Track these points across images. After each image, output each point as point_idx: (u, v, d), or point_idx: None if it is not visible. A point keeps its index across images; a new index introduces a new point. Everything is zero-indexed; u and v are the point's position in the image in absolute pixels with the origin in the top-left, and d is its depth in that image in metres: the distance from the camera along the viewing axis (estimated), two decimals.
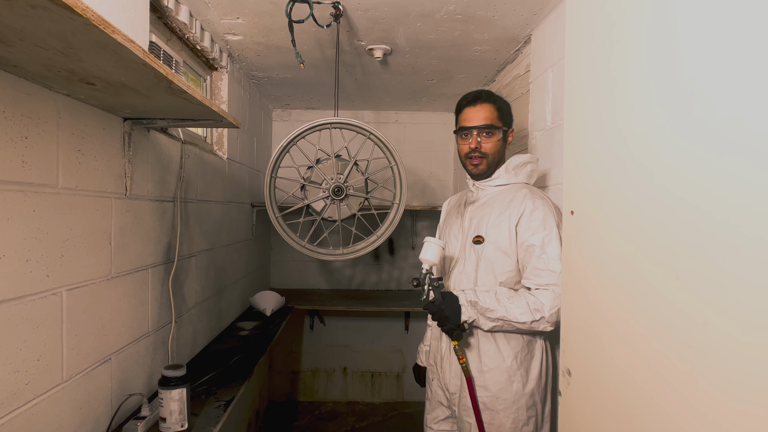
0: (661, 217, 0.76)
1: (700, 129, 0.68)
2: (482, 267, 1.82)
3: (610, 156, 0.93)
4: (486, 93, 1.91)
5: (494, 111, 1.87)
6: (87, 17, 0.80)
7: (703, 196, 0.67)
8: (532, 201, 1.78)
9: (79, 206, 1.39)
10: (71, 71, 1.10)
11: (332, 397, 4.33)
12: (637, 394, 0.82)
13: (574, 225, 1.09)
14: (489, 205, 1.88)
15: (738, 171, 0.62)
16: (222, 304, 2.80)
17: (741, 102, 0.62)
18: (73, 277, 1.37)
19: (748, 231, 0.60)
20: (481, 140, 1.86)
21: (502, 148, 1.90)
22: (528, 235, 1.74)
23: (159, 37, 1.89)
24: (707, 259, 0.66)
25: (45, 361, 1.26)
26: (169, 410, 1.57)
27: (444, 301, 1.72)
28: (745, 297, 0.60)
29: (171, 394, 1.57)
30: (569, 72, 1.11)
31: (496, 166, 1.91)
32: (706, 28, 0.69)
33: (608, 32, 0.94)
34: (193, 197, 2.27)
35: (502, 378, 1.77)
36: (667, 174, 0.75)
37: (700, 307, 0.67)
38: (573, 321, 1.10)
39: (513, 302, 1.69)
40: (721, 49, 0.65)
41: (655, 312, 0.77)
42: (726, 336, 0.63)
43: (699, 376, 0.68)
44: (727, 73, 0.64)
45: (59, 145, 1.30)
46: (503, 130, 1.88)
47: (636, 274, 0.83)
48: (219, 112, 1.53)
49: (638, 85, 0.83)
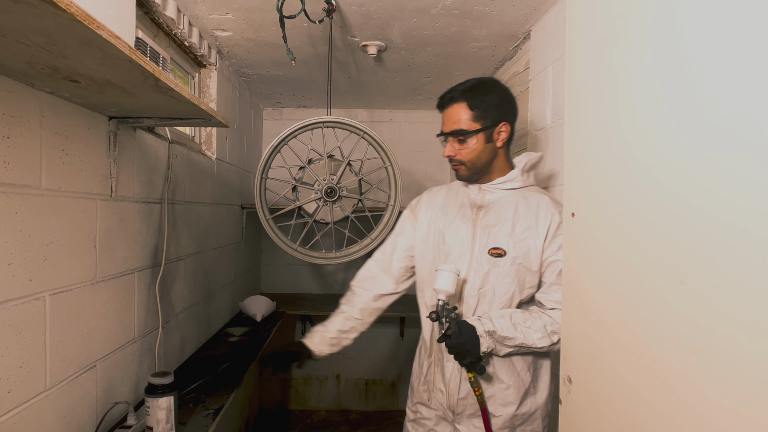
0: (664, 220, 0.76)
1: (705, 127, 0.68)
2: (502, 284, 1.68)
3: (612, 156, 0.93)
4: (460, 90, 1.70)
5: (467, 111, 1.67)
6: (71, 12, 0.80)
7: (708, 197, 0.67)
8: (559, 212, 1.67)
9: (63, 208, 1.39)
10: (55, 68, 1.10)
11: (325, 405, 4.32)
12: (639, 402, 0.82)
13: (575, 227, 1.09)
14: (505, 211, 1.72)
15: (744, 171, 0.62)
16: (211, 310, 2.80)
17: (747, 99, 0.62)
18: (56, 282, 1.36)
19: (756, 233, 0.60)
20: (455, 147, 1.71)
21: (486, 151, 1.71)
22: (553, 250, 1.65)
23: (145, 33, 1.88)
24: (713, 262, 0.66)
25: (28, 368, 1.25)
26: (156, 419, 1.56)
27: (461, 334, 1.58)
28: (753, 301, 0.60)
29: (158, 402, 1.57)
30: (570, 69, 1.11)
31: (483, 169, 1.74)
32: (713, 22, 0.69)
33: (611, 27, 0.94)
34: (181, 199, 2.26)
35: (519, 393, 1.71)
36: (671, 174, 0.75)
37: (705, 312, 0.67)
38: (573, 326, 1.10)
39: (530, 327, 1.61)
40: (730, 43, 0.66)
41: (659, 317, 0.77)
42: (733, 342, 0.63)
43: (704, 383, 0.68)
44: (733, 69, 0.65)
45: (42, 145, 1.29)
46: (484, 132, 1.69)
47: (639, 278, 0.83)
48: (207, 111, 1.53)
49: (642, 82, 0.83)
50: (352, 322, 1.97)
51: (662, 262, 0.77)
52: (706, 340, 0.67)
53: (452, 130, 1.69)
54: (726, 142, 0.65)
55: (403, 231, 1.95)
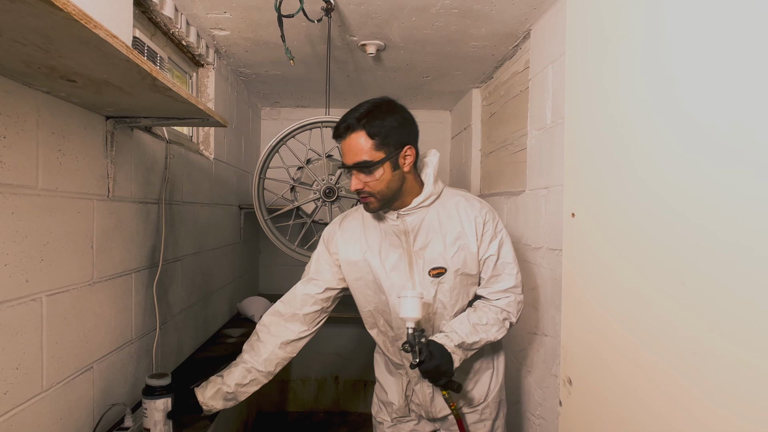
0: (667, 218, 0.76)
1: (711, 124, 0.68)
2: (450, 297, 1.69)
3: (614, 154, 0.93)
4: (355, 118, 1.58)
5: (367, 140, 1.55)
6: (68, 11, 0.80)
7: (712, 193, 0.67)
8: (478, 210, 1.68)
9: (60, 208, 1.39)
10: (52, 68, 1.10)
11: (324, 406, 4.31)
12: (639, 403, 0.82)
13: (575, 228, 1.09)
14: (430, 229, 1.67)
15: (752, 168, 0.62)
16: (208, 311, 2.79)
17: (745, 101, 0.62)
18: (53, 282, 1.36)
19: (758, 227, 0.60)
20: (361, 178, 1.59)
21: (395, 179, 1.60)
22: (485, 248, 1.68)
23: (143, 32, 1.88)
24: (715, 262, 0.66)
25: (24, 370, 1.25)
26: (153, 421, 1.56)
27: (434, 357, 1.55)
28: (754, 302, 0.60)
29: (155, 404, 1.57)
30: (570, 68, 1.11)
31: (396, 196, 1.64)
32: (724, 20, 0.69)
33: (614, 25, 0.94)
34: (179, 199, 2.26)
35: (485, 377, 1.85)
36: (677, 169, 0.75)
37: (705, 313, 0.67)
38: (574, 327, 1.10)
39: (486, 323, 1.67)
40: (734, 44, 0.66)
41: (660, 318, 0.77)
42: (733, 343, 0.63)
43: (704, 384, 0.68)
44: (732, 72, 0.65)
45: (39, 145, 1.29)
46: (389, 160, 1.58)
47: (640, 279, 0.83)
48: (205, 111, 1.53)
49: (645, 79, 0.83)
50: (254, 374, 1.76)
51: (664, 261, 0.76)
52: (707, 341, 0.67)
53: (355, 163, 1.57)
54: (731, 138, 0.65)
55: (319, 272, 1.80)
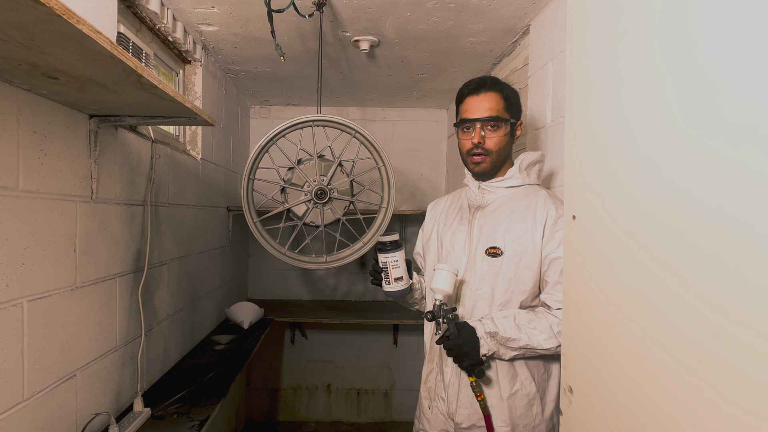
0: (671, 221, 0.76)
1: (718, 121, 0.68)
2: (500, 284, 1.70)
3: (616, 154, 0.93)
4: (491, 80, 1.78)
5: (501, 101, 1.75)
6: (50, 6, 0.79)
7: (718, 196, 0.67)
8: (555, 207, 1.69)
9: (42, 210, 1.38)
10: (33, 65, 1.09)
11: (315, 416, 4.31)
12: (644, 413, 0.83)
13: (576, 230, 1.09)
14: (503, 210, 1.77)
15: (758, 167, 0.62)
16: (196, 317, 2.78)
17: (764, 89, 0.62)
18: (34, 287, 1.35)
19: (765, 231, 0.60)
20: (485, 134, 1.74)
21: (508, 144, 1.79)
22: (553, 246, 1.66)
23: (128, 27, 1.88)
24: (722, 266, 0.66)
25: (4, 378, 1.24)
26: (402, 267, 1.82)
27: (460, 335, 1.60)
28: (762, 307, 0.60)
29: (402, 253, 1.81)
30: (571, 64, 1.12)
31: (501, 164, 1.81)
32: (729, 11, 0.69)
33: (615, 20, 0.94)
34: (165, 200, 2.26)
35: (522, 404, 1.70)
36: (680, 172, 0.75)
37: (712, 318, 0.68)
38: (575, 334, 1.10)
39: (535, 327, 1.62)
40: (746, 31, 0.65)
41: (664, 324, 0.77)
42: (741, 349, 0.63)
43: (711, 393, 0.68)
44: (749, 59, 0.65)
45: (20, 145, 1.28)
46: (511, 123, 1.77)
47: (643, 283, 0.83)
48: (192, 109, 1.52)
49: (650, 76, 0.83)
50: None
51: (668, 265, 0.77)
52: (714, 347, 0.67)
53: (488, 116, 1.73)
54: (739, 136, 0.65)
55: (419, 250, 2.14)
